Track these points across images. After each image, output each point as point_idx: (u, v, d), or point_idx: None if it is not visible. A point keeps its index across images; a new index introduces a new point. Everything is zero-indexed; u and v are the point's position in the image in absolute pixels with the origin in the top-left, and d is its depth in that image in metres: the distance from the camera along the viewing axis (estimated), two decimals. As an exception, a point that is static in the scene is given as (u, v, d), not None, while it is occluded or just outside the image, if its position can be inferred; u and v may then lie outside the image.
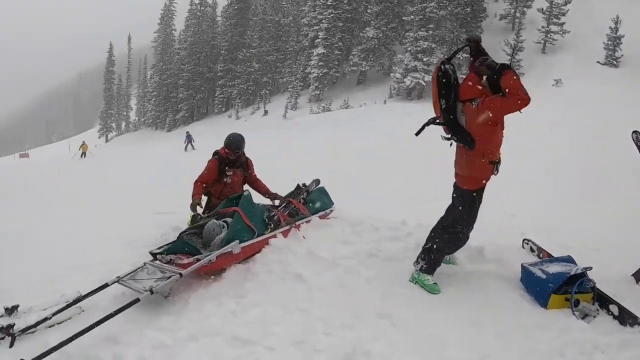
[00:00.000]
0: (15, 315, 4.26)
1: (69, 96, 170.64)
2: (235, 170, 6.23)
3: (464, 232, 4.16)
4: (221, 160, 6.16)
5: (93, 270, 5.42)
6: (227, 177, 6.17)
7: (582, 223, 5.68)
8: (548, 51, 33.82)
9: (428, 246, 4.28)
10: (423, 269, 4.23)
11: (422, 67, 35.53)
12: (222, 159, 6.16)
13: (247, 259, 5.10)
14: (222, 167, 6.14)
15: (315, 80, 45.28)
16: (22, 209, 10.57)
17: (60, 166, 28.28)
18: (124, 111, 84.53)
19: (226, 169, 6.16)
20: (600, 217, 5.86)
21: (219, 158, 6.17)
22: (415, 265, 4.32)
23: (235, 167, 6.24)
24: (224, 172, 6.15)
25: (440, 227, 4.27)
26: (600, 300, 3.73)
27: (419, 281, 4.22)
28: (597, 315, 3.63)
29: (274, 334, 3.63)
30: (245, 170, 6.39)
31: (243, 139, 6.25)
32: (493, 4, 40.85)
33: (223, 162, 6.16)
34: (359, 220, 6.10)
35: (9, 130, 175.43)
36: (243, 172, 6.35)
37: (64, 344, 3.51)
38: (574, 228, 5.47)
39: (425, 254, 4.26)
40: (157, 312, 4.26)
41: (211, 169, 6.13)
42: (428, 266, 4.21)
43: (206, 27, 64.96)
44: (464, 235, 4.18)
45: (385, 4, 42.07)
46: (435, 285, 4.15)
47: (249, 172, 6.43)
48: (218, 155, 6.20)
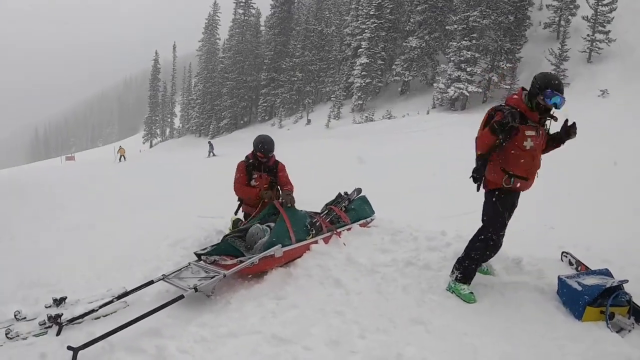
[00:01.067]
0: (63, 306, 4.50)
1: (114, 102, 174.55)
2: (261, 174, 6.14)
3: (492, 238, 4.18)
4: (248, 163, 6.14)
5: (139, 268, 5.69)
6: (253, 180, 6.12)
7: (622, 238, 5.59)
8: (594, 60, 32.74)
9: (462, 256, 4.35)
10: (458, 278, 4.28)
11: (466, 77, 35.10)
12: (250, 162, 6.14)
13: (288, 263, 5.24)
14: (249, 170, 6.12)
15: (358, 89, 45.27)
16: (75, 208, 11.00)
17: (107, 169, 29.15)
18: (169, 118, 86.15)
19: (253, 172, 6.12)
20: (642, 233, 5.76)
21: (246, 161, 6.16)
22: (451, 275, 4.37)
23: (261, 171, 6.14)
24: (251, 175, 6.12)
25: (473, 237, 4.32)
26: (636, 314, 3.68)
27: (455, 290, 4.26)
28: (632, 329, 3.59)
29: (311, 334, 3.74)
30: (273, 175, 6.22)
31: (272, 141, 6.14)
32: (537, 12, 39.95)
33: (250, 165, 6.13)
34: (398, 229, 6.18)
35: (56, 134, 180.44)
36: (269, 176, 6.20)
37: (109, 334, 3.69)
38: (614, 243, 5.38)
39: (460, 264, 4.32)
40: (199, 310, 4.43)
41: (242, 172, 6.12)
42: (463, 275, 4.26)
43: (250, 36, 65.76)
44: (494, 242, 4.18)
45: (428, 14, 41.86)
46: (471, 294, 4.18)
47: (277, 177, 6.24)
48: (246, 158, 6.19)
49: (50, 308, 4.49)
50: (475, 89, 35.19)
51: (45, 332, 4.11)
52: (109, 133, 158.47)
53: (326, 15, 58.30)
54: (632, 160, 9.56)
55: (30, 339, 4.01)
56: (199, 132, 70.88)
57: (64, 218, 9.59)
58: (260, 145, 6.02)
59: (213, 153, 34.51)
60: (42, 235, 8.26)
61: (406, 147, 18.75)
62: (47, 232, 8.53)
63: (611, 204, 7.12)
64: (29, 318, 4.33)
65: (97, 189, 15.82)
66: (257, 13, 67.48)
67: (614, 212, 6.69)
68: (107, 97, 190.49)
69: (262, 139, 6.07)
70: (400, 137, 23.55)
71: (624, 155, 10.11)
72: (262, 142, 6.04)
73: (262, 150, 6.02)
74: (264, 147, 6.02)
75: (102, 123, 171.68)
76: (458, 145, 16.92)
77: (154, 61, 77.52)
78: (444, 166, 11.77)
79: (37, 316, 4.34)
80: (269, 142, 6.07)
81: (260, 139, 6.08)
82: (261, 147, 6.01)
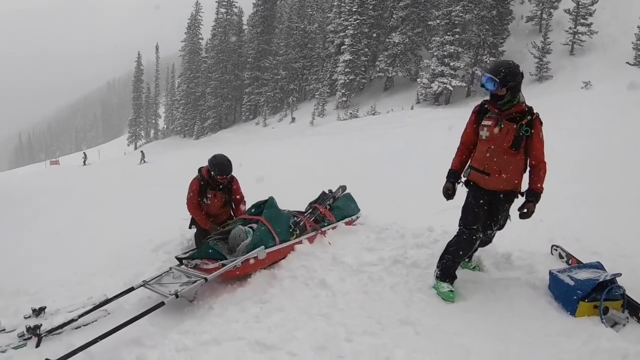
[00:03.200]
0: (43, 316, 4.44)
1: (97, 105, 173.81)
2: (216, 193, 5.90)
3: (464, 232, 4.13)
4: (203, 181, 5.84)
5: (120, 274, 5.61)
6: (207, 199, 5.89)
7: (612, 229, 5.53)
8: (576, 53, 33.08)
9: (442, 252, 4.28)
10: (438, 275, 4.21)
11: (449, 71, 35.25)
12: (204, 180, 5.84)
13: (272, 265, 5.14)
14: (202, 188, 5.85)
15: (342, 86, 45.24)
16: (52, 213, 10.85)
17: (91, 172, 28.95)
18: (153, 119, 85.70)
19: (207, 191, 5.87)
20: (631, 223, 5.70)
21: (201, 178, 5.84)
22: (434, 272, 4.30)
23: (216, 190, 5.90)
24: (205, 194, 5.87)
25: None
26: (630, 307, 3.60)
27: (435, 288, 4.19)
28: (626, 323, 3.51)
29: (296, 339, 3.64)
30: (228, 194, 6.01)
31: (230, 163, 5.79)
32: (519, 6, 40.27)
33: (205, 183, 5.85)
34: (384, 226, 6.09)
35: (40, 139, 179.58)
36: (224, 194, 5.99)
37: (89, 345, 3.60)
38: (603, 234, 5.32)
39: (439, 260, 4.25)
40: (181, 316, 4.34)
41: (195, 191, 5.83)
42: (441, 272, 4.18)
43: (232, 35, 65.54)
44: (467, 236, 4.11)
45: (410, 9, 41.92)
46: (450, 292, 4.07)
47: (231, 196, 6.05)
48: (200, 174, 5.86)
49: (29, 319, 4.42)
50: (458, 83, 35.32)
51: (24, 344, 4.02)
52: (93, 136, 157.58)
53: (309, 12, 58.21)
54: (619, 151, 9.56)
55: (9, 352, 3.91)
56: (183, 133, 70.57)
57: (46, 224, 9.45)
58: (218, 170, 5.69)
59: (144, 160, 37.04)
60: (24, 242, 8.16)
61: (391, 143, 18.72)
62: (29, 238, 8.44)
63: (599, 195, 7.08)
64: (7, 330, 4.26)
65: (79, 194, 15.64)
66: (240, 12, 67.19)
67: (602, 204, 6.66)
68: (90, 100, 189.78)
69: (220, 163, 5.71)
70: (385, 133, 23.53)
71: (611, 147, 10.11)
72: (220, 166, 5.70)
73: (221, 174, 5.72)
74: (222, 171, 5.72)
75: (85, 127, 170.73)
76: (442, 140, 16.99)
77: (137, 63, 76.94)
78: (429, 161, 11.69)
79: (16, 328, 4.27)
80: (227, 166, 5.74)
81: (217, 163, 5.71)
82: (219, 171, 5.70)
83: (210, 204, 5.92)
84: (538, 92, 29.81)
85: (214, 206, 5.97)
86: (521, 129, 3.92)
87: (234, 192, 6.05)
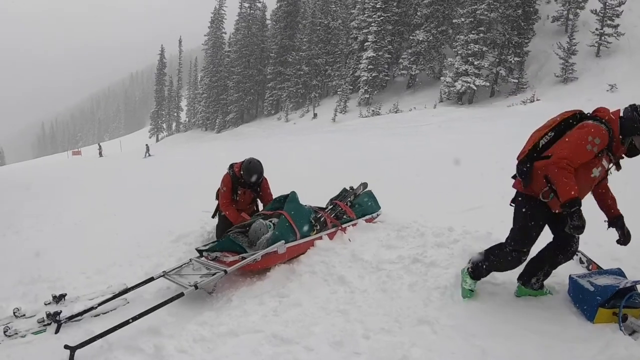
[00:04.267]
0: (63, 303, 4.52)
1: (121, 97, 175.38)
2: (245, 190, 6.03)
3: (512, 254, 3.80)
4: (234, 178, 5.96)
5: (139, 264, 5.69)
6: (237, 195, 6.00)
7: (634, 236, 5.45)
8: (602, 54, 32.41)
9: (483, 253, 4.02)
10: (469, 269, 4.04)
11: (473, 70, 34.87)
12: (236, 178, 5.96)
13: (292, 260, 5.16)
14: (234, 185, 5.96)
15: (364, 83, 45.01)
16: (75, 203, 10.98)
17: (112, 163, 29.32)
18: (175, 112, 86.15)
19: (238, 187, 5.98)
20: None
21: (233, 175, 5.96)
22: (468, 262, 4.12)
23: (246, 187, 6.01)
24: (235, 190, 5.98)
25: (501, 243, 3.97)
26: None
27: (462, 277, 4.10)
28: None
29: (313, 334, 3.66)
30: (256, 192, 6.14)
31: (261, 168, 5.91)
32: (545, 5, 39.58)
33: (236, 180, 5.96)
34: (405, 224, 6.06)
35: (63, 130, 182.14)
36: (253, 192, 6.12)
37: (107, 333, 3.66)
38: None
39: (477, 260, 4.01)
40: (199, 307, 4.39)
41: (228, 187, 5.94)
42: (473, 270, 4.01)
43: (256, 30, 65.55)
44: (512, 258, 3.80)
45: (435, 7, 41.51)
46: (469, 291, 4.02)
47: (260, 194, 6.17)
48: (232, 171, 5.98)
49: (49, 305, 4.50)
50: (482, 82, 34.92)
51: (44, 330, 4.09)
52: (115, 128, 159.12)
53: (332, 8, 57.95)
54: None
55: (29, 336, 3.99)
56: (205, 126, 70.94)
57: (67, 213, 9.56)
58: (249, 175, 5.81)
59: (149, 154, 37.73)
60: (44, 231, 8.26)
61: (413, 141, 18.61)
62: (50, 227, 8.53)
63: (622, 201, 6.96)
64: (28, 315, 4.34)
65: (101, 184, 15.82)
66: (263, 6, 67.24)
67: (625, 210, 6.54)
68: (113, 92, 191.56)
69: (251, 169, 5.82)
70: (407, 131, 23.40)
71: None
72: (251, 172, 5.81)
73: (250, 179, 5.84)
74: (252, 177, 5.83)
75: (108, 118, 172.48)
76: (465, 140, 16.89)
77: (160, 56, 77.39)
78: (450, 161, 11.64)
79: (36, 313, 4.34)
80: (259, 173, 5.88)
81: (251, 170, 5.82)
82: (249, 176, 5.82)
83: (239, 200, 6.02)
84: (563, 93, 29.42)
85: (243, 202, 6.08)
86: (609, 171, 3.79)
87: (263, 191, 6.17)
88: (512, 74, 35.16)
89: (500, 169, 4.65)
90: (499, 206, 6.87)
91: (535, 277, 3.98)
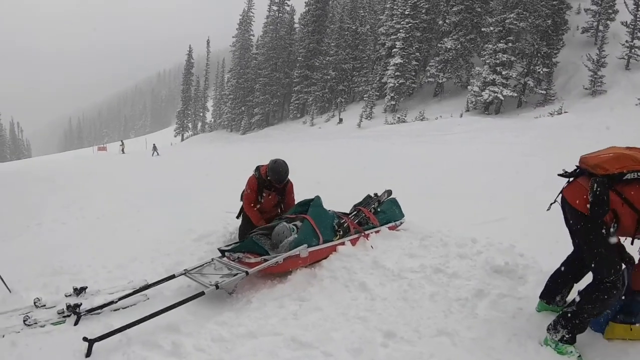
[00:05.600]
0: (83, 295, 4.58)
1: (147, 95, 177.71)
2: (270, 193, 6.01)
3: (616, 284, 3.23)
4: (260, 180, 5.95)
5: (161, 261, 5.74)
6: (262, 198, 5.99)
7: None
8: (632, 67, 31.85)
9: (573, 314, 3.36)
10: (565, 339, 3.38)
11: (501, 80, 34.48)
12: (262, 180, 5.95)
13: (313, 264, 5.15)
14: (260, 187, 5.96)
15: (391, 90, 44.91)
16: (99, 197, 11.13)
17: (137, 160, 29.72)
18: (201, 112, 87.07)
19: (263, 189, 5.98)
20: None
21: (259, 177, 5.96)
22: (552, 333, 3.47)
23: (271, 190, 6.00)
24: (261, 192, 5.97)
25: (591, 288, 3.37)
26: None
27: (560, 352, 3.42)
28: None
29: (332, 339, 3.64)
30: (281, 195, 6.13)
31: (287, 172, 5.90)
32: (575, 16, 39.13)
33: (262, 182, 5.96)
34: (428, 234, 6.02)
35: (89, 125, 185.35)
36: (277, 195, 6.10)
37: (126, 327, 3.70)
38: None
39: (570, 320, 3.37)
40: (219, 307, 4.41)
41: (253, 189, 5.94)
42: (572, 337, 3.39)
43: (284, 33, 65.97)
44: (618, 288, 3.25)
45: (464, 15, 41.27)
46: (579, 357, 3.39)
47: (284, 197, 6.17)
48: (259, 173, 5.98)
49: (70, 297, 4.57)
50: (510, 93, 34.56)
51: (63, 321, 4.14)
52: (141, 125, 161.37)
53: (361, 14, 57.95)
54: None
55: (48, 327, 4.04)
56: (230, 127, 71.52)
57: (90, 208, 9.69)
58: (276, 177, 5.82)
59: (157, 153, 39.93)
60: (68, 224, 8.39)
61: (438, 150, 18.53)
62: (73, 220, 8.66)
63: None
64: (48, 306, 4.41)
65: (124, 180, 16.01)
66: (292, 10, 67.69)
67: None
68: (140, 90, 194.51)
69: (278, 170, 5.82)
70: (432, 140, 23.30)
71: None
72: (277, 174, 5.82)
73: (277, 181, 5.85)
74: (278, 179, 5.84)
75: (134, 115, 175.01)
76: (490, 150, 16.75)
77: (188, 55, 78.29)
78: (476, 171, 11.54)
79: (56, 304, 4.41)
80: (284, 173, 5.87)
81: (275, 170, 5.82)
82: (276, 178, 5.82)
83: (264, 202, 6.01)
84: (592, 106, 28.98)
85: (267, 205, 6.06)
86: None
87: (287, 195, 6.16)
88: (540, 85, 34.74)
89: (524, 181, 4.58)
90: (523, 218, 6.85)
91: (560, 295, 3.88)
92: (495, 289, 4.39)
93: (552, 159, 10.37)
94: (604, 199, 3.12)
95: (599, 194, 3.13)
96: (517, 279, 4.62)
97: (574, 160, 3.60)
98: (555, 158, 9.85)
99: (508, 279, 4.64)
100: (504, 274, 4.71)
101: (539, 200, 4.08)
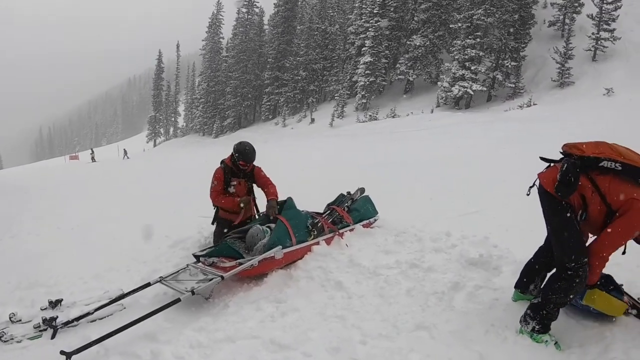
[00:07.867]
0: (59, 308, 4.51)
1: (118, 101, 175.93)
2: (239, 180, 6.00)
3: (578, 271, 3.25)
4: (226, 170, 5.96)
5: (136, 269, 5.69)
6: (232, 187, 5.97)
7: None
8: (599, 59, 32.60)
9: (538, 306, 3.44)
10: (536, 330, 3.43)
11: (470, 75, 34.92)
12: (228, 168, 5.96)
13: (288, 265, 5.15)
14: (227, 177, 5.95)
15: (362, 88, 45.01)
16: (69, 208, 10.99)
17: (110, 167, 29.32)
18: (172, 117, 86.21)
19: (231, 178, 5.97)
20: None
21: (225, 167, 5.96)
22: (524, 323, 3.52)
23: (239, 177, 6.00)
24: (229, 182, 5.96)
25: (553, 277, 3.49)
26: None
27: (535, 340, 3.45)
28: None
29: (311, 340, 3.64)
30: (251, 180, 6.10)
31: (254, 151, 5.94)
32: (542, 10, 39.86)
33: (229, 171, 5.96)
34: (402, 229, 6.08)
35: (60, 134, 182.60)
36: (247, 182, 6.08)
37: (104, 338, 3.64)
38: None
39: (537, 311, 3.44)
40: (196, 313, 4.37)
41: (219, 179, 5.93)
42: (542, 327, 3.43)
43: (253, 35, 65.70)
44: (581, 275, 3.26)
45: (432, 12, 41.68)
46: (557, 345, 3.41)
47: (253, 182, 6.14)
48: (224, 164, 5.98)
49: (45, 310, 4.49)
50: (479, 87, 35.00)
51: (40, 335, 4.07)
52: (112, 132, 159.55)
53: (330, 13, 58.04)
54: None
55: (25, 342, 3.97)
56: (202, 131, 70.95)
57: (64, 218, 9.56)
58: (242, 156, 5.83)
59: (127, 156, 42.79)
60: (42, 235, 8.28)
61: (410, 146, 18.67)
62: (48, 231, 8.55)
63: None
64: (24, 320, 4.33)
65: (98, 188, 15.82)
66: (261, 12, 67.47)
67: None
68: (111, 97, 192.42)
69: (246, 149, 5.86)
70: (404, 136, 23.47)
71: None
72: (245, 152, 5.84)
73: (246, 159, 5.86)
74: (247, 157, 5.86)
75: (105, 123, 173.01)
76: (462, 144, 16.92)
77: (158, 60, 77.56)
78: (447, 165, 11.65)
79: (32, 319, 4.33)
80: (251, 152, 5.88)
81: (243, 148, 5.85)
82: (244, 157, 5.83)
83: (235, 191, 5.97)
84: (560, 97, 29.51)
85: (240, 193, 6.01)
86: None
87: (257, 176, 6.09)
88: (509, 79, 35.26)
89: (497, 173, 4.63)
90: (496, 210, 6.94)
91: (534, 284, 3.94)
92: (471, 281, 4.45)
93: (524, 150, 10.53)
94: (570, 178, 3.17)
95: (566, 171, 3.19)
96: (492, 270, 4.69)
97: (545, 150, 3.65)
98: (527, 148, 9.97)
99: (483, 270, 4.71)
100: (479, 266, 4.78)
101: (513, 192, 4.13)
